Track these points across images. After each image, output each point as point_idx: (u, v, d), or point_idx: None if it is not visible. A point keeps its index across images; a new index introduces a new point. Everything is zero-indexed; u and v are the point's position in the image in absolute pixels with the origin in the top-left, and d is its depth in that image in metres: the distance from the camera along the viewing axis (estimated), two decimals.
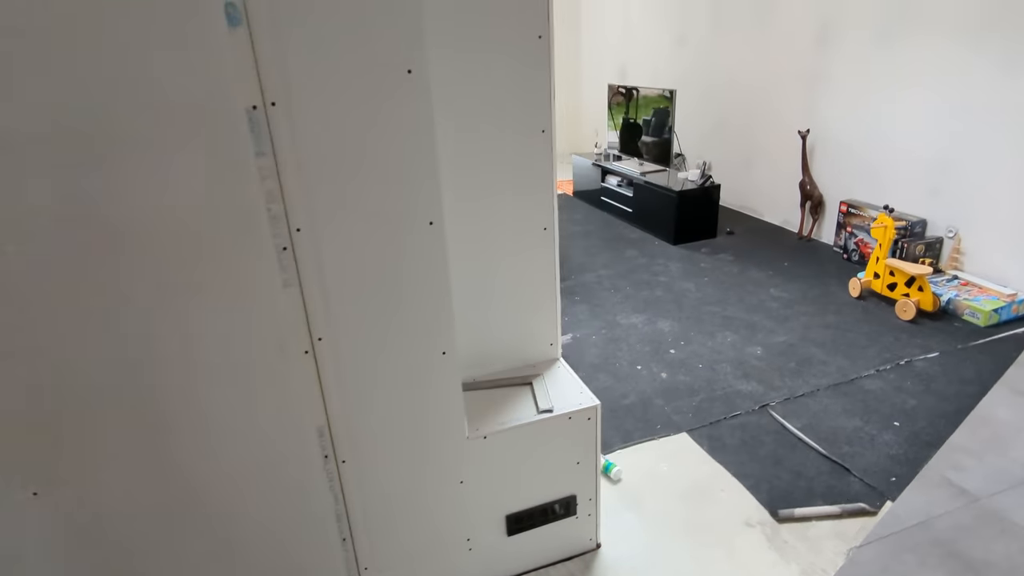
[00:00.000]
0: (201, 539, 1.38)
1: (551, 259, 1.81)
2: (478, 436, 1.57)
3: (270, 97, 1.15)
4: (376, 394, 1.43)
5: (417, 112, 1.24)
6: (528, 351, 1.86)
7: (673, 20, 5.51)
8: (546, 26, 1.53)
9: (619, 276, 3.80)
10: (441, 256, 1.37)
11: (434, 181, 1.30)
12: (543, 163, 1.67)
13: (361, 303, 1.34)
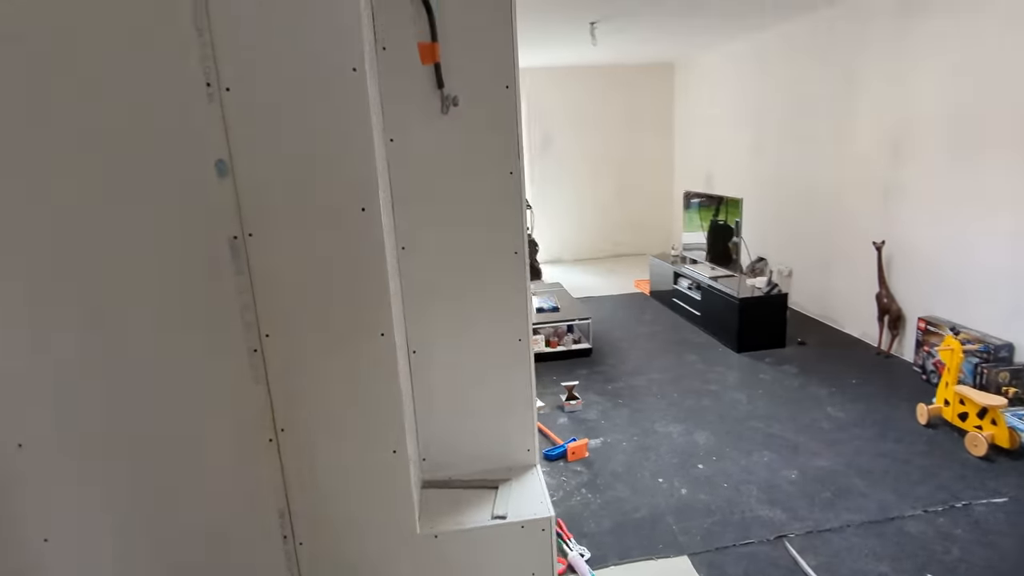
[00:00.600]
0: None
1: (527, 372, 1.89)
2: (429, 534, 1.65)
3: (248, 230, 1.41)
4: (331, 483, 1.57)
5: (372, 244, 1.45)
6: (505, 456, 1.93)
7: (750, 130, 5.55)
8: (516, 164, 1.72)
9: (671, 381, 3.73)
10: (392, 365, 1.53)
11: (385, 297, 1.48)
12: (519, 284, 1.80)
13: (318, 400, 1.52)
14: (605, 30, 4.71)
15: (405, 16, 1.59)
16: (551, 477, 2.76)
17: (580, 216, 7.49)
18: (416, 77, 1.63)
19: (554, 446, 2.98)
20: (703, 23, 4.72)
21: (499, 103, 1.68)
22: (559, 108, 7.18)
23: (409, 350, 1.80)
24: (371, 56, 1.51)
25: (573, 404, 3.42)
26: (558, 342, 4.23)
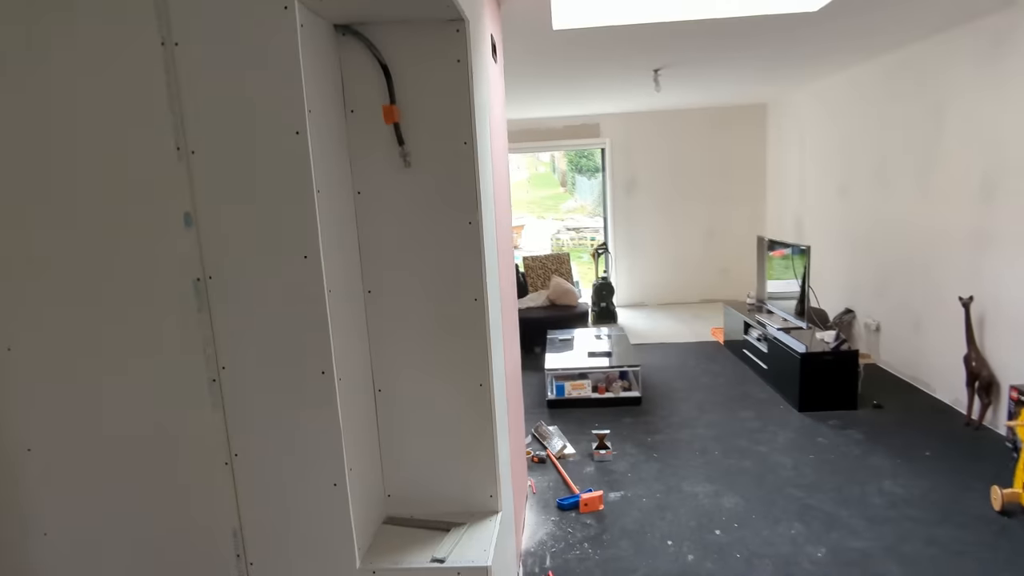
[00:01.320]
0: None
1: (488, 420, 1.89)
2: (368, 569, 1.69)
3: (208, 272, 1.58)
4: (277, 510, 1.67)
5: (314, 288, 1.56)
6: (467, 500, 1.94)
7: (839, 172, 5.16)
8: (475, 212, 1.78)
9: (716, 438, 3.51)
10: (331, 401, 1.61)
11: (325, 338, 1.58)
12: (478, 330, 1.83)
13: (267, 429, 1.63)
14: (673, 75, 4.66)
15: (371, 82, 1.73)
16: (558, 527, 2.69)
17: (664, 260, 7.29)
18: (381, 136, 1.75)
19: (571, 495, 2.91)
20: (792, 62, 4.53)
21: (458, 158, 1.76)
22: (646, 151, 7.12)
23: (375, 388, 1.88)
24: (331, 119, 1.65)
25: (603, 453, 3.32)
26: (606, 388, 4.13)
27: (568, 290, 5.84)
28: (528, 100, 5.65)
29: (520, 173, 27.27)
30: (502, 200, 2.52)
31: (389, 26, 1.72)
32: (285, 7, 1.44)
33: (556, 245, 14.34)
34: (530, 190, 25.85)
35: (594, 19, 3.15)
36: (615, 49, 3.74)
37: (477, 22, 1.91)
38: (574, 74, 4.51)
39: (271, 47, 1.46)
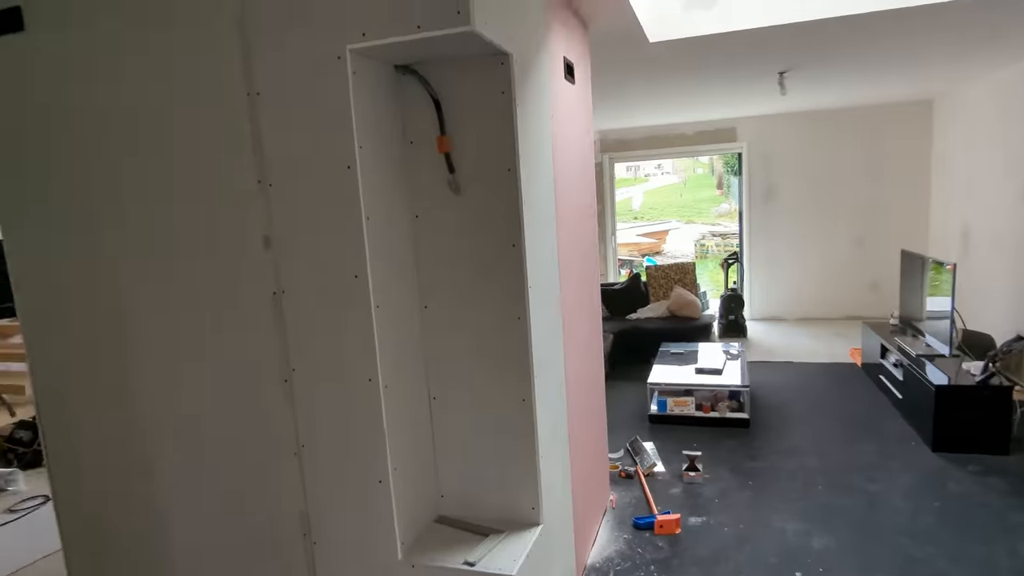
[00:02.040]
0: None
1: (530, 435, 1.93)
2: (407, 563, 1.82)
3: (282, 287, 1.81)
4: (335, 498, 1.86)
5: (362, 305, 1.72)
6: (511, 509, 2.00)
7: (1019, 178, 4.40)
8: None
9: (824, 471, 3.20)
10: (376, 406, 1.76)
11: (371, 348, 1.74)
12: (521, 348, 1.89)
13: (326, 427, 1.83)
14: (803, 77, 4.30)
15: (427, 115, 1.86)
16: (628, 546, 2.66)
17: (805, 272, 6.70)
18: (436, 164, 1.88)
19: (649, 514, 2.85)
20: (957, 53, 4.00)
21: (502, 185, 1.84)
22: (787, 154, 6.60)
23: (430, 396, 2.02)
24: (389, 151, 1.81)
25: (693, 476, 3.19)
26: (711, 407, 3.94)
27: (690, 301, 5.62)
28: (648, 107, 5.53)
29: (671, 177, 26.39)
30: (578, 216, 2.54)
31: (442, 64, 1.84)
32: (339, 57, 1.62)
33: (700, 251, 13.74)
34: (684, 193, 24.93)
35: (690, 30, 3.04)
36: (727, 55, 3.56)
37: (533, 53, 1.97)
38: (690, 82, 4.35)
39: (328, 93, 1.65)
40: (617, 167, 7.51)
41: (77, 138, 1.95)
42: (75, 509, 2.21)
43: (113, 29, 1.85)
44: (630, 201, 23.65)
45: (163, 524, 2.08)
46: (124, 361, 2.03)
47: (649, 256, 13.14)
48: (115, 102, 1.88)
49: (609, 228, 7.42)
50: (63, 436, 2.18)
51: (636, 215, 21.99)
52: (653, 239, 14.32)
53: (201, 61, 1.77)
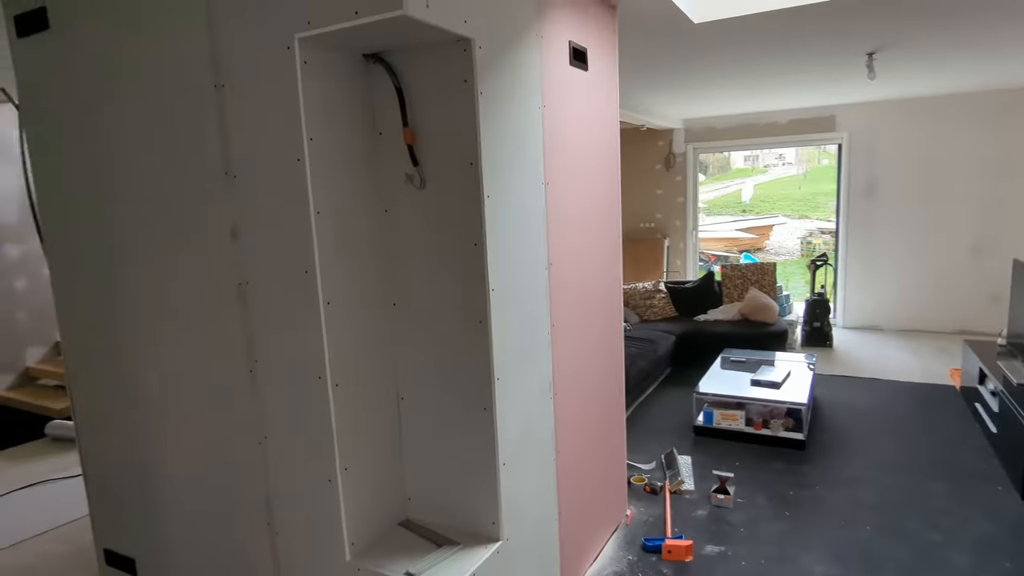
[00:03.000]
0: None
1: (491, 446, 1.81)
2: (355, 566, 1.77)
3: (247, 279, 1.80)
4: (292, 491, 1.84)
5: (311, 300, 1.67)
6: (473, 521, 1.89)
7: None
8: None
9: (878, 508, 2.78)
10: (325, 405, 1.70)
11: (320, 346, 1.68)
12: (481, 354, 1.76)
13: (283, 420, 1.81)
14: (898, 57, 3.73)
15: (394, 106, 1.77)
16: (630, 569, 2.45)
17: (910, 277, 5.92)
18: (404, 157, 1.79)
19: (661, 536, 2.62)
20: None
21: (465, 180, 1.71)
22: (893, 146, 5.84)
23: (398, 396, 1.95)
24: (352, 144, 1.74)
25: (721, 498, 2.89)
26: (763, 424, 3.57)
27: (764, 305, 5.14)
28: (733, 94, 5.07)
29: (790, 168, 24.50)
30: (587, 212, 2.34)
31: (407, 52, 1.74)
32: (288, 47, 1.56)
33: (806, 249, 12.62)
34: (803, 185, 23.10)
35: (742, 7, 2.70)
36: (801, 35, 3.14)
37: (511, 37, 1.80)
38: (762, 68, 3.92)
39: (281, 83, 1.60)
40: (734, 156, 6.99)
41: (82, 130, 2.05)
42: (95, 467, 2.37)
43: (102, 30, 1.91)
44: (739, 193, 22.28)
45: (156, 491, 2.18)
46: (121, 345, 2.13)
47: (747, 252, 12.28)
48: (109, 97, 1.95)
49: (690, 223, 6.97)
50: (86, 408, 2.34)
51: (744, 208, 20.70)
52: (754, 235, 13.36)
53: (175, 54, 1.78)
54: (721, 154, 21.30)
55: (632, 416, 4.13)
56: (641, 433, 3.81)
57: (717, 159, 24.73)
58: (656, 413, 4.16)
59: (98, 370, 2.24)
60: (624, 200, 6.86)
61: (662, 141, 6.92)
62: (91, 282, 2.17)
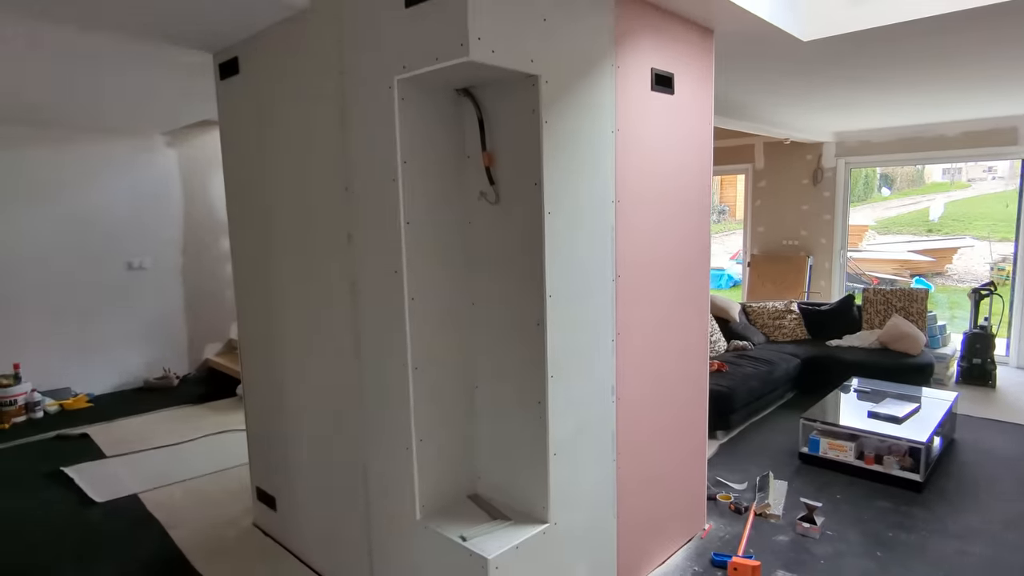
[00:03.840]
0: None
1: (542, 438, 1.97)
2: (422, 523, 2.03)
3: (356, 278, 2.16)
4: (381, 456, 2.16)
5: (398, 299, 1.98)
6: (527, 503, 2.07)
7: None
8: None
9: (988, 566, 2.47)
10: (404, 387, 2.00)
11: (403, 338, 1.98)
12: (536, 355, 1.94)
13: (377, 395, 2.14)
14: None
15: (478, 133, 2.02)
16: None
17: None
18: (485, 177, 2.03)
19: (733, 553, 2.59)
20: None
21: (530, 197, 1.91)
22: None
23: (473, 385, 2.20)
24: (443, 165, 2.02)
25: (806, 527, 2.76)
26: (875, 459, 3.29)
27: (906, 334, 4.63)
28: (887, 105, 4.65)
29: (994, 184, 21.06)
30: (665, 226, 2.41)
31: (489, 86, 1.98)
32: (389, 87, 1.89)
33: (997, 276, 10.78)
34: (1011, 203, 19.78)
35: (855, 23, 2.58)
36: (957, 44, 2.89)
37: (584, 71, 1.97)
38: (901, 76, 3.60)
39: (383, 117, 1.93)
40: (929, 168, 6.36)
41: (253, 150, 2.59)
42: (254, 425, 2.92)
43: (269, 75, 2.40)
44: (927, 211, 19.65)
45: (289, 443, 2.66)
46: (270, 320, 2.64)
47: (920, 277, 10.84)
48: (270, 125, 2.45)
49: (837, 242, 6.43)
50: (250, 374, 2.89)
51: (931, 227, 18.22)
52: (933, 257, 11.74)
53: (316, 92, 2.20)
54: (914, 167, 18.95)
55: (739, 436, 4.00)
56: (744, 454, 3.70)
57: (906, 172, 22.04)
58: (765, 436, 3.99)
59: (256, 346, 2.78)
60: (765, 215, 6.80)
61: (810, 155, 6.48)
62: (254, 275, 2.71)
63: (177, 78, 3.36)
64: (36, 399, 4.56)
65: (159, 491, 3.33)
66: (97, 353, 5.12)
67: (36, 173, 4.76)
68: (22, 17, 2.26)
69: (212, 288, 5.74)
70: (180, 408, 4.78)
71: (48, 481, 3.49)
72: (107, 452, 3.91)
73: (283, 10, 2.19)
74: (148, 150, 5.27)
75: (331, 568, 2.49)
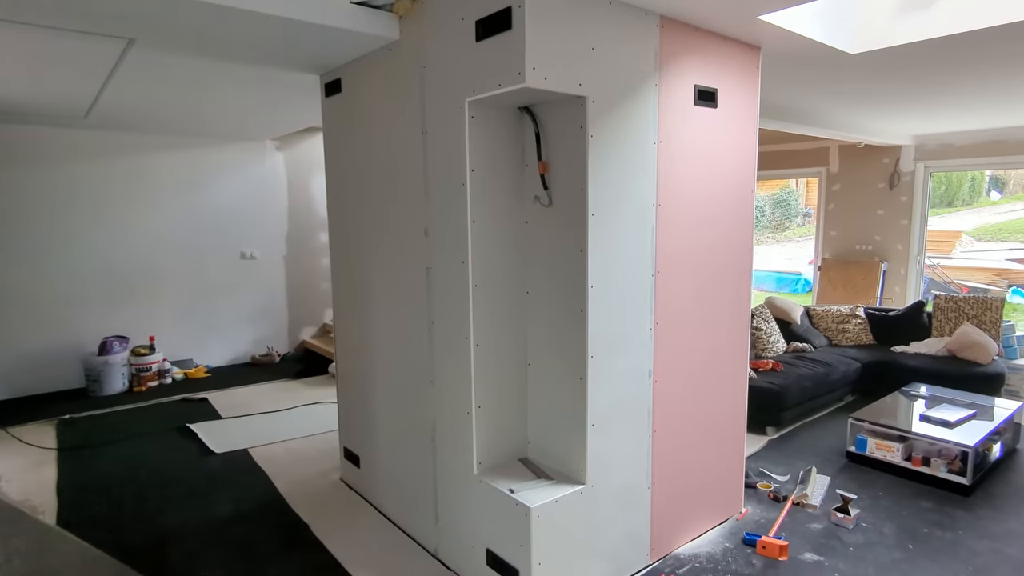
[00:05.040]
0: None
1: (582, 409, 2.25)
2: (478, 477, 2.36)
3: (430, 265, 2.52)
4: (448, 415, 2.51)
5: (463, 284, 2.31)
6: (570, 467, 2.34)
7: None
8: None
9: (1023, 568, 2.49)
10: (466, 360, 2.33)
11: (466, 318, 2.31)
12: (579, 337, 2.21)
13: (446, 367, 2.48)
14: None
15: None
16: (723, 553, 2.66)
17: None
18: (540, 184, 2.33)
19: (764, 531, 2.75)
20: None
21: (576, 201, 2.18)
22: None
23: (526, 362, 2.50)
24: (506, 172, 2.33)
25: (840, 517, 2.86)
26: (923, 461, 3.30)
27: (976, 343, 4.49)
28: (966, 107, 4.53)
29: None
30: (708, 228, 2.60)
31: (544, 105, 2.28)
32: (461, 107, 2.22)
33: None
34: None
35: (902, 35, 2.66)
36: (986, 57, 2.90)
37: (628, 90, 2.22)
38: (965, 81, 3.55)
39: (456, 132, 2.27)
40: None
41: (349, 158, 3.01)
42: (344, 393, 3.37)
43: (366, 94, 2.81)
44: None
45: (372, 410, 3.07)
46: (360, 302, 3.06)
47: (1018, 288, 10.05)
48: (365, 136, 2.86)
49: (914, 248, 6.22)
50: (343, 351, 3.34)
51: None
52: None
53: (403, 110, 2.57)
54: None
55: (790, 433, 4.08)
56: (793, 450, 3.79)
57: (1020, 174, 20.29)
58: (817, 435, 4.05)
59: (348, 328, 3.22)
60: (838, 219, 6.88)
61: (887, 159, 6.30)
62: (348, 264, 3.14)
63: (289, 95, 3.88)
64: (166, 367, 5.31)
65: (265, 448, 3.86)
66: (214, 331, 5.85)
67: (169, 175, 5.51)
68: (170, 51, 2.78)
69: (309, 278, 6.37)
70: (281, 382, 5.39)
71: (177, 434, 4.12)
72: (223, 414, 4.53)
73: (379, 41, 2.58)
74: (260, 153, 5.94)
75: (403, 515, 2.88)
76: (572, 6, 2.03)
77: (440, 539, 2.62)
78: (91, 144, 5.13)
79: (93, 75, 3.27)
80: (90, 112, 4.31)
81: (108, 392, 4.99)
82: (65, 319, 5.12)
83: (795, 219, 16.11)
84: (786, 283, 11.37)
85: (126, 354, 5.12)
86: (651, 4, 2.21)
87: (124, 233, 5.33)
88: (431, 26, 2.34)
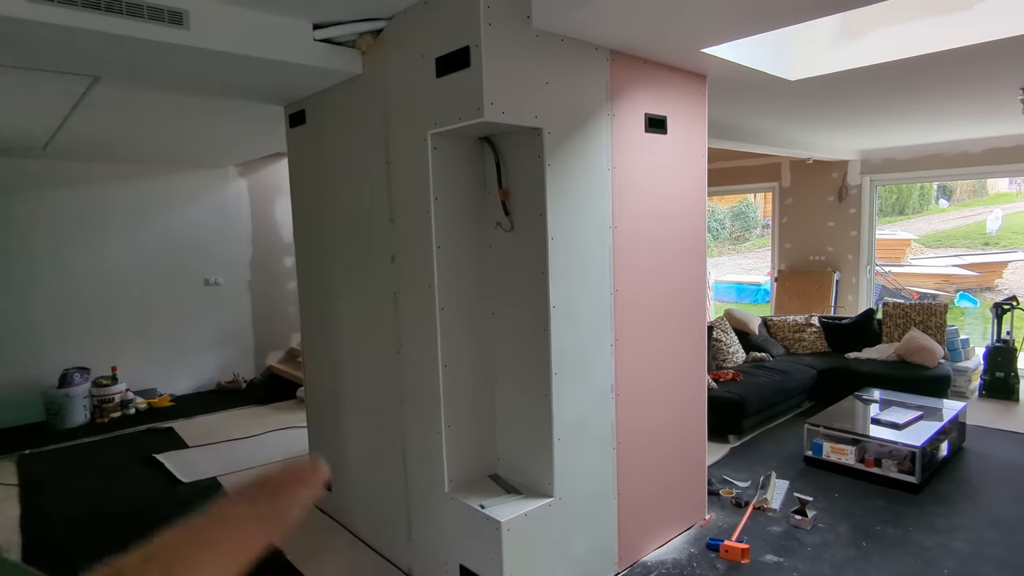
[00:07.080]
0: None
1: (548, 425, 2.35)
2: (450, 496, 2.43)
3: (397, 290, 2.60)
4: (418, 436, 2.58)
5: (429, 309, 2.40)
6: (538, 481, 2.44)
7: None
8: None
9: (967, 559, 2.67)
10: (435, 378, 2.41)
11: (434, 339, 2.40)
12: (543, 356, 2.32)
13: (415, 389, 2.56)
14: None
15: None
16: (687, 559, 2.77)
17: None
18: (501, 210, 2.45)
19: (727, 536, 2.87)
20: None
21: (536, 226, 2.30)
22: None
23: (493, 381, 2.59)
24: (468, 199, 2.44)
25: (798, 519, 3.02)
26: (875, 462, 3.49)
27: (923, 348, 4.76)
28: (909, 124, 4.84)
29: None
30: (661, 247, 2.75)
31: (506, 135, 2.40)
32: (424, 139, 2.33)
33: None
34: None
35: (835, 64, 2.89)
36: (922, 78, 3.15)
37: (580, 121, 2.36)
38: (898, 104, 3.83)
39: (419, 162, 2.37)
40: (1000, 182, 6.44)
41: (313, 186, 3.09)
42: (312, 416, 3.40)
43: (330, 125, 2.90)
44: (984, 223, 18.93)
45: (343, 433, 3.11)
46: (329, 327, 3.12)
47: (965, 292, 10.58)
48: (326, 166, 2.94)
49: (863, 258, 6.54)
50: (312, 374, 3.38)
51: (987, 240, 17.57)
52: (979, 272, 11.42)
53: (366, 141, 2.67)
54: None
55: (751, 441, 4.25)
56: (754, 457, 3.95)
57: (966, 183, 21.36)
58: (776, 441, 4.22)
59: (316, 352, 3.26)
60: (792, 232, 7.18)
61: (836, 173, 6.63)
62: (315, 290, 3.20)
63: (255, 124, 3.94)
64: (129, 397, 5.23)
65: (234, 475, 3.85)
66: (178, 358, 5.78)
67: (129, 202, 5.47)
68: (136, 86, 2.83)
69: (275, 302, 6.35)
70: (248, 408, 5.36)
71: (143, 465, 4.07)
72: (189, 443, 4.49)
73: (342, 76, 2.67)
74: (222, 179, 5.95)
75: (377, 536, 2.92)
76: (527, 44, 2.17)
77: (414, 558, 2.68)
78: (49, 173, 5.08)
79: (55, 111, 3.28)
80: (49, 144, 4.28)
81: (70, 425, 4.89)
82: (23, 351, 5.01)
83: (754, 231, 16.67)
84: (747, 293, 11.73)
85: (87, 385, 5.04)
86: (601, 39, 2.37)
87: (83, 262, 5.27)
88: (393, 62, 2.45)
